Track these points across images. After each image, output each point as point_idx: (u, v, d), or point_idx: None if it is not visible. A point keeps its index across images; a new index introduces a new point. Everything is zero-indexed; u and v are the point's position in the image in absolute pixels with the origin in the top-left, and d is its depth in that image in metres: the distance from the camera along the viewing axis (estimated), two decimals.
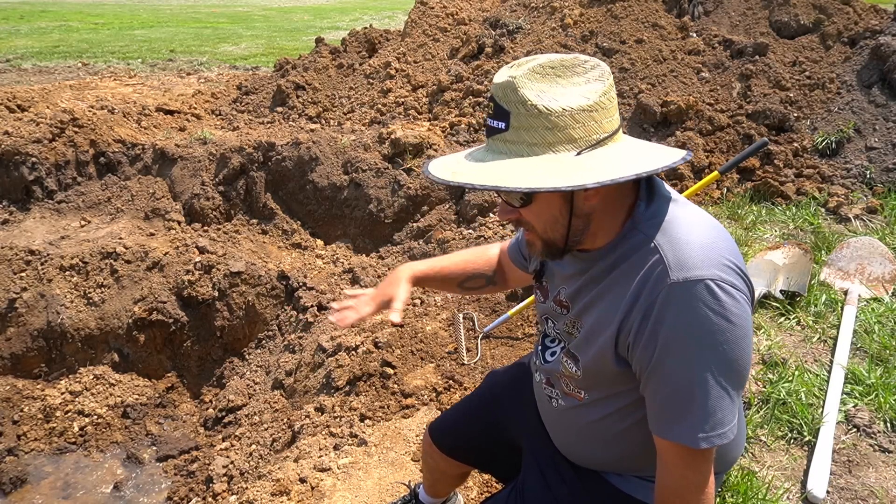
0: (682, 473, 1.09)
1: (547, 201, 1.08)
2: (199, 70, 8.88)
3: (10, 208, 4.84)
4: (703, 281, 1.01)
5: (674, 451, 1.08)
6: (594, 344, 1.16)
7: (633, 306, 1.07)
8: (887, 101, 4.37)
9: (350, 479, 2.43)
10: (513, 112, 1.03)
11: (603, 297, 1.14)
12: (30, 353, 4.17)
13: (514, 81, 1.03)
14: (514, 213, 1.11)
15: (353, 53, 6.59)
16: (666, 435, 1.07)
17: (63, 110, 5.31)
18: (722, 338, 1.01)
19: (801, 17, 5.08)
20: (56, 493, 3.59)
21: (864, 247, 2.99)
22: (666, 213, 1.10)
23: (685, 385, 1.03)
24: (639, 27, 5.28)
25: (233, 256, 4.46)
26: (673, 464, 1.10)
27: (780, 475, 1.81)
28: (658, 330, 1.04)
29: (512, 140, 1.04)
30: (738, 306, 1.02)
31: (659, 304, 1.03)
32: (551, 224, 1.11)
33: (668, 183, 4.21)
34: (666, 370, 1.05)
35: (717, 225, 1.13)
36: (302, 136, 5.11)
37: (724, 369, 1.03)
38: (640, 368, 1.10)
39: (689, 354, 1.02)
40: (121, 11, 18.21)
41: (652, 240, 1.07)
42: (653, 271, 1.05)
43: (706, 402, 1.03)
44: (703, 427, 1.04)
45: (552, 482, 1.37)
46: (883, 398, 2.06)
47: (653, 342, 1.05)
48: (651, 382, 1.08)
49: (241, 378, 4.05)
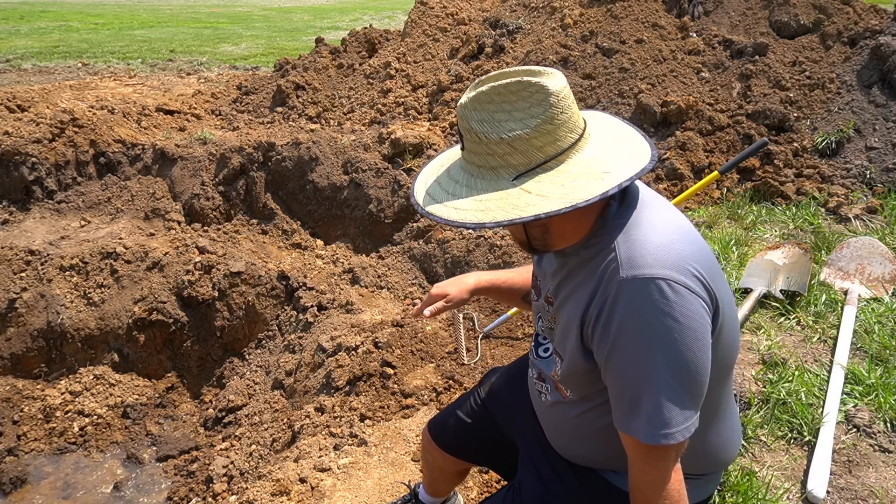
0: (640, 468, 1.11)
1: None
2: (199, 70, 8.88)
3: (10, 208, 4.84)
4: (654, 280, 1.03)
5: (630, 445, 1.10)
6: (567, 342, 1.20)
7: (591, 301, 1.12)
8: (887, 101, 4.37)
9: (350, 479, 2.43)
10: (465, 137, 1.12)
11: (573, 294, 1.19)
12: (30, 354, 4.17)
13: (464, 109, 1.11)
14: None
15: (353, 53, 6.59)
16: (622, 428, 1.10)
17: (63, 110, 5.31)
18: (669, 338, 1.02)
19: (801, 17, 5.07)
20: (56, 493, 3.59)
21: (864, 247, 2.98)
22: (632, 215, 1.13)
23: (634, 380, 1.06)
24: (639, 27, 5.28)
25: (233, 256, 4.46)
26: (632, 458, 1.12)
27: (780, 475, 1.81)
28: (609, 324, 1.07)
29: (467, 159, 1.14)
30: (689, 307, 1.03)
31: (610, 299, 1.07)
32: (514, 232, 1.22)
33: (668, 182, 4.21)
34: (618, 364, 1.08)
35: (685, 228, 1.14)
36: (302, 136, 5.11)
37: (672, 369, 1.03)
38: (599, 361, 1.13)
39: (636, 350, 1.05)
40: (121, 11, 18.21)
41: (613, 240, 1.11)
42: (608, 269, 1.09)
43: (653, 399, 1.04)
44: (652, 423, 1.04)
45: (547, 478, 1.38)
46: (883, 398, 2.06)
47: (606, 336, 1.08)
48: (608, 376, 1.12)
49: (241, 378, 4.05)
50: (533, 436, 1.46)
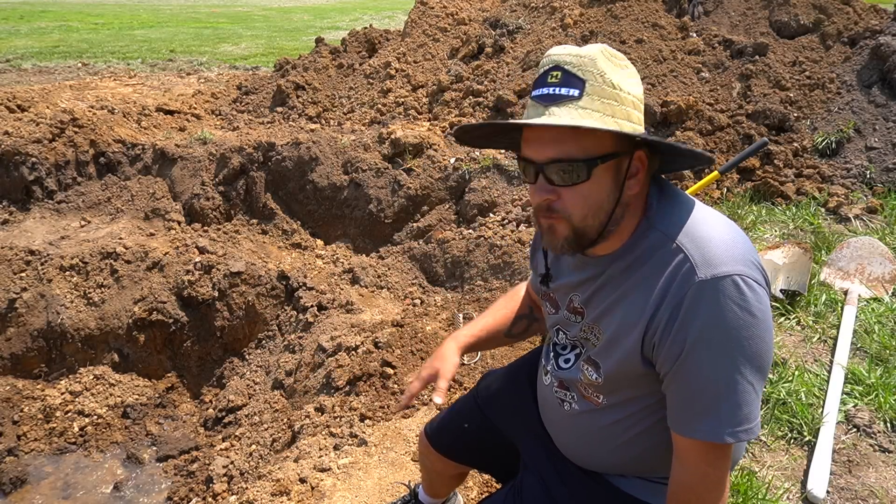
0: (702, 471, 1.08)
1: (602, 181, 1.06)
2: (199, 70, 8.88)
3: (10, 208, 4.84)
4: (730, 277, 1.01)
5: (695, 449, 1.07)
6: (618, 349, 1.15)
7: (659, 306, 1.06)
8: (887, 101, 4.37)
9: (350, 479, 2.43)
10: (589, 80, 1.04)
11: (624, 299, 1.13)
12: (30, 354, 4.17)
13: (593, 53, 1.05)
14: (554, 193, 1.07)
15: (353, 53, 6.59)
16: (689, 433, 1.07)
17: (63, 110, 5.31)
18: (747, 333, 1.01)
19: (801, 17, 5.08)
20: (56, 493, 3.59)
21: (864, 247, 2.98)
22: (681, 211, 1.11)
23: (713, 381, 1.03)
24: (639, 27, 5.28)
25: (233, 256, 4.46)
26: (693, 461, 1.09)
27: (780, 475, 1.81)
28: (687, 327, 1.03)
29: (585, 107, 1.03)
30: (762, 301, 1.03)
31: (687, 301, 1.03)
32: (595, 209, 1.08)
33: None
34: (693, 367, 1.04)
35: (731, 222, 1.13)
36: (302, 136, 5.11)
37: (750, 364, 1.03)
38: (665, 367, 1.09)
39: (717, 351, 1.02)
40: (121, 11, 18.21)
41: (673, 239, 1.07)
42: (679, 270, 1.05)
43: (733, 397, 1.03)
44: (731, 422, 1.03)
45: (551, 483, 1.36)
46: (883, 398, 2.06)
47: (681, 339, 1.04)
48: (676, 380, 1.08)
49: (241, 378, 4.05)
50: (535, 439, 1.43)
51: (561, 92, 1.04)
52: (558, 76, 1.05)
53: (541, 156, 1.06)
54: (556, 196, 1.07)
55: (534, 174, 1.08)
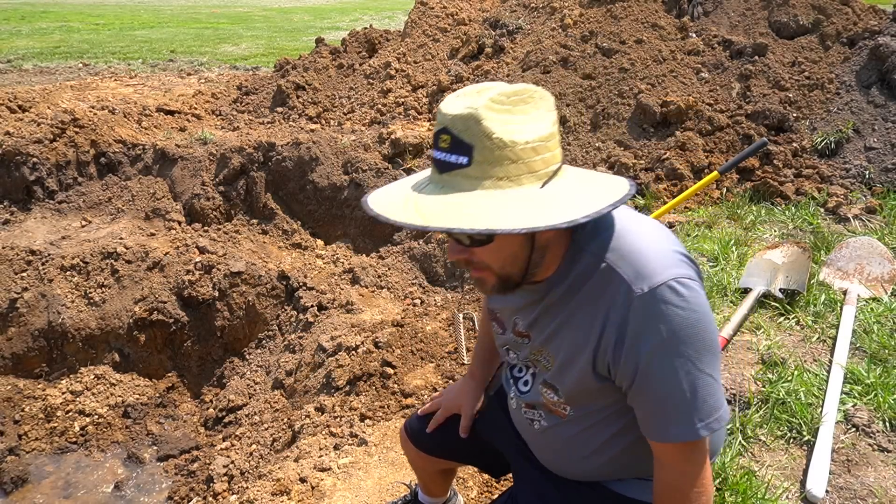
0: (681, 469, 1.11)
1: (509, 239, 1.04)
2: (199, 70, 8.88)
3: (10, 208, 4.84)
4: (665, 284, 1.03)
5: (673, 452, 1.10)
6: (571, 371, 1.16)
7: (604, 327, 1.08)
8: (886, 102, 4.38)
9: (350, 479, 2.43)
10: (476, 146, 0.98)
11: (568, 324, 1.14)
12: (31, 353, 4.18)
13: (477, 112, 0.98)
14: (466, 252, 1.06)
15: (353, 53, 6.59)
16: (664, 439, 1.09)
17: (64, 111, 5.31)
18: (694, 330, 1.03)
19: (801, 18, 5.08)
20: (57, 492, 3.59)
21: (863, 247, 2.99)
22: (605, 227, 1.10)
23: (675, 387, 1.05)
24: (639, 27, 5.29)
25: (233, 256, 4.46)
26: (672, 462, 1.11)
27: (780, 475, 1.82)
28: (637, 344, 1.05)
29: (476, 175, 0.98)
30: (698, 294, 1.05)
31: (632, 318, 1.04)
32: (510, 260, 1.07)
33: (668, 182, 4.22)
34: (653, 379, 1.06)
35: (653, 222, 1.14)
36: (302, 136, 5.11)
37: (704, 357, 1.05)
38: (624, 383, 1.10)
39: (671, 357, 1.04)
40: (121, 12, 18.22)
41: (604, 259, 1.08)
42: (617, 289, 1.06)
43: (698, 393, 1.05)
44: (701, 417, 1.05)
45: (544, 490, 1.37)
46: (882, 398, 2.07)
47: (634, 357, 1.05)
48: (639, 394, 1.09)
49: (241, 378, 4.06)
50: (522, 453, 1.43)
51: (451, 160, 0.99)
52: (448, 141, 0.99)
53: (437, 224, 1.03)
54: (467, 254, 1.06)
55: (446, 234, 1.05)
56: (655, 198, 4.05)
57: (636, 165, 4.30)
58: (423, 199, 1.00)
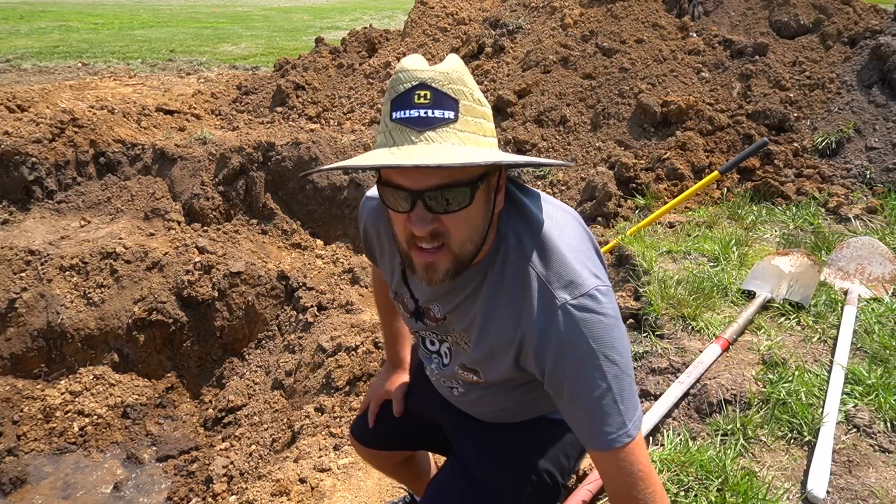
0: (631, 471, 1.08)
1: (479, 202, 1.02)
2: (198, 70, 8.87)
3: (10, 208, 4.84)
4: (587, 293, 1.06)
5: (616, 457, 1.08)
6: (492, 364, 1.18)
7: (527, 329, 1.09)
8: (887, 101, 4.37)
9: (350, 480, 2.43)
10: (462, 100, 0.98)
11: (490, 320, 1.14)
12: (30, 354, 4.17)
13: (460, 70, 0.99)
14: (436, 222, 1.01)
15: (353, 53, 6.58)
16: (604, 446, 1.07)
17: (63, 110, 5.31)
18: (613, 335, 1.07)
19: (801, 17, 5.08)
20: (56, 493, 3.59)
21: (864, 247, 2.98)
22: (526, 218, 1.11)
23: (604, 392, 1.06)
24: (639, 27, 5.28)
25: (232, 256, 4.46)
26: (620, 468, 1.09)
27: (781, 475, 1.81)
28: (563, 354, 1.06)
29: (461, 129, 0.97)
30: (613, 300, 1.09)
31: (554, 329, 1.06)
32: (474, 232, 1.04)
33: (668, 182, 4.21)
34: (583, 388, 1.06)
35: (569, 216, 1.16)
36: (302, 136, 5.11)
37: (622, 359, 1.08)
38: (550, 388, 1.11)
39: (597, 366, 1.05)
40: (121, 11, 18.21)
41: (528, 257, 1.09)
42: (541, 294, 1.07)
43: (624, 395, 1.07)
44: (629, 418, 1.07)
45: (487, 440, 1.41)
46: (883, 398, 2.06)
47: (561, 367, 1.07)
48: (571, 403, 1.09)
49: (240, 378, 4.05)
50: (451, 410, 1.49)
51: (435, 114, 0.96)
52: (427, 96, 0.96)
53: (420, 184, 0.97)
54: (438, 223, 1.01)
55: (410, 203, 0.99)
56: (656, 198, 4.04)
57: (636, 165, 4.30)
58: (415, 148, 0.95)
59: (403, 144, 0.96)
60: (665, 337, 2.47)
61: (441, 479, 1.48)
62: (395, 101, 0.98)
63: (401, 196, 0.99)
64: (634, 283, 2.92)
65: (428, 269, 1.05)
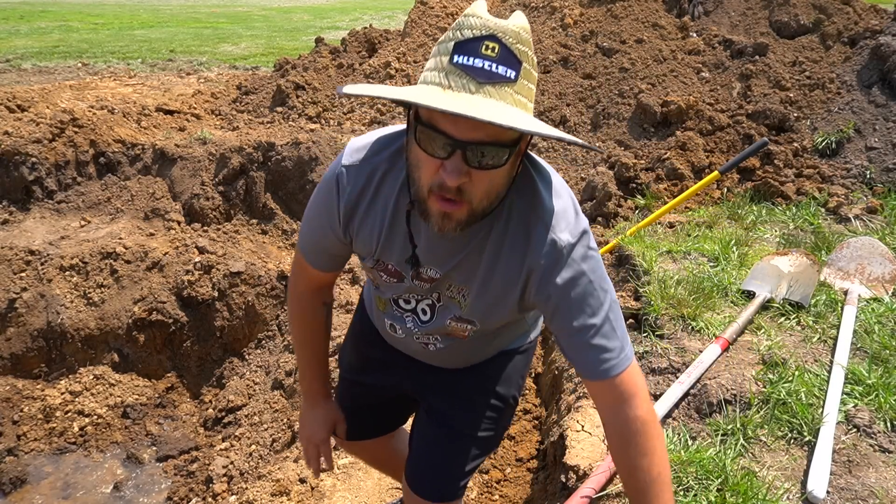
0: (633, 393, 1.15)
1: (509, 167, 1.03)
2: (198, 70, 8.88)
3: (10, 208, 4.84)
4: (585, 235, 1.15)
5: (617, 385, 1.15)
6: (494, 312, 1.25)
7: (533, 270, 1.15)
8: (887, 101, 4.38)
9: (350, 480, 2.43)
10: (524, 63, 0.96)
11: (497, 262, 1.17)
12: (30, 354, 4.17)
13: (526, 27, 0.97)
14: (467, 176, 0.99)
15: (353, 53, 6.59)
16: (607, 374, 1.14)
17: (63, 110, 5.31)
18: (602, 269, 1.17)
19: (801, 17, 5.08)
20: (56, 493, 3.59)
21: (864, 247, 2.98)
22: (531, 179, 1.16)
23: (606, 322, 1.15)
24: (639, 27, 5.28)
25: (233, 256, 4.46)
26: (622, 396, 1.15)
27: (781, 475, 1.81)
28: (567, 290, 1.13)
29: (519, 93, 0.96)
30: (594, 241, 1.19)
31: (559, 267, 1.13)
32: (496, 190, 1.05)
33: (668, 182, 4.21)
34: (587, 321, 1.14)
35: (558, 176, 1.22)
36: (302, 136, 5.11)
37: (611, 290, 1.19)
38: (556, 324, 1.18)
39: (597, 299, 1.15)
40: (121, 12, 18.21)
41: (532, 206, 1.14)
42: (543, 240, 1.13)
43: (618, 323, 1.17)
44: (624, 344, 1.17)
45: (457, 388, 1.48)
46: (883, 398, 2.06)
47: (566, 303, 1.14)
48: (576, 338, 1.16)
49: (240, 378, 4.05)
50: (412, 369, 1.51)
51: (499, 71, 0.94)
52: (496, 49, 0.94)
53: (466, 135, 0.95)
54: (467, 178, 1.00)
55: (449, 152, 0.97)
56: (656, 198, 4.04)
57: (636, 165, 4.30)
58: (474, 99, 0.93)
59: (460, 91, 0.93)
60: (665, 337, 2.47)
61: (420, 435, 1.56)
62: (460, 45, 0.95)
63: (441, 142, 0.97)
64: (634, 283, 2.92)
65: (444, 217, 1.04)
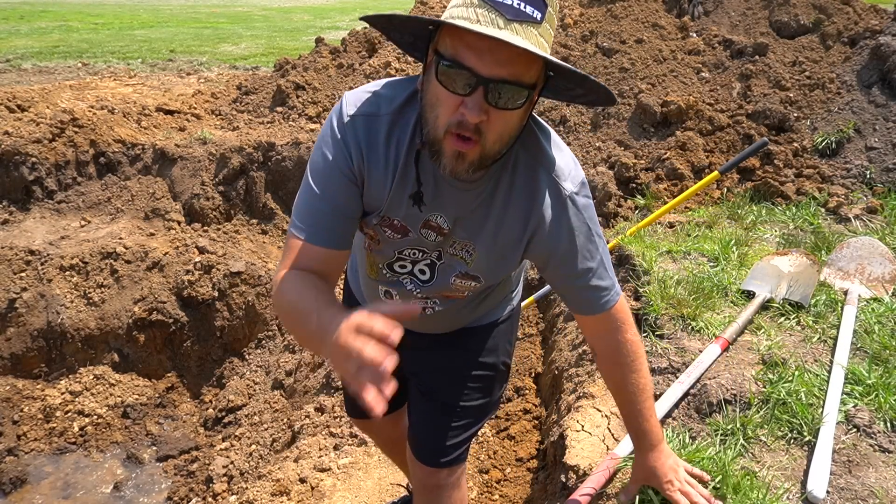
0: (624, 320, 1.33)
1: (524, 110, 1.05)
2: (198, 70, 8.88)
3: (10, 208, 4.84)
4: (583, 184, 1.24)
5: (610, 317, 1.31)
6: (502, 264, 1.30)
7: (540, 219, 1.21)
8: (887, 101, 4.37)
9: (350, 480, 2.43)
10: (550, 5, 0.99)
11: (505, 212, 1.21)
12: (30, 354, 4.17)
13: None
14: (485, 114, 0.99)
15: (353, 53, 6.59)
16: (598, 310, 1.29)
17: (63, 110, 5.31)
18: (596, 216, 1.28)
19: (801, 17, 5.08)
20: (56, 493, 3.59)
21: (864, 247, 2.98)
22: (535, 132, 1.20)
23: (598, 262, 1.28)
24: (639, 27, 5.28)
25: (233, 256, 4.46)
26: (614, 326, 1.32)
27: (780, 475, 1.81)
28: (572, 237, 1.23)
29: (542, 35, 0.98)
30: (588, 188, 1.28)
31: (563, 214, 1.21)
32: (508, 136, 1.06)
33: (668, 182, 4.21)
34: (587, 264, 1.26)
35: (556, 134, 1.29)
36: (302, 135, 5.11)
37: (602, 234, 1.29)
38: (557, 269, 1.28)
39: (594, 243, 1.26)
40: (121, 11, 18.21)
41: (537, 159, 1.19)
42: (549, 190, 1.20)
43: (610, 264, 1.31)
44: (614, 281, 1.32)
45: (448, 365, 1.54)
46: (883, 398, 2.06)
47: (570, 249, 1.23)
48: (578, 282, 1.27)
49: (241, 378, 4.05)
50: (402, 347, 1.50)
51: (527, 10, 0.95)
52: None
53: (491, 71, 0.96)
54: (485, 116, 0.99)
55: (472, 88, 0.97)
56: (656, 198, 4.04)
57: (636, 165, 4.30)
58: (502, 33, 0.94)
59: (489, 26, 0.94)
60: (665, 337, 2.47)
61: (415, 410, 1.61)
62: None
63: (463, 78, 0.97)
64: (634, 283, 2.92)
65: (457, 157, 1.04)
